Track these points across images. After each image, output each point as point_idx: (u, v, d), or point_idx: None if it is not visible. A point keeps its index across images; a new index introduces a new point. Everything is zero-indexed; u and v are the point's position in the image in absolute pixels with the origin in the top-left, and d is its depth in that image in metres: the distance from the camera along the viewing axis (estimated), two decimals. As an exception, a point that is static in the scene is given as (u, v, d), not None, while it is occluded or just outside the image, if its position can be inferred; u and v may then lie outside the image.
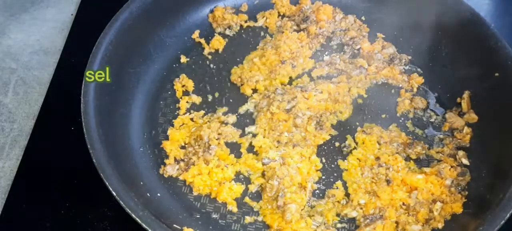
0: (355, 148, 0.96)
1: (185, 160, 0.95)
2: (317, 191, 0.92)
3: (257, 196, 0.91)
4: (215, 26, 1.16)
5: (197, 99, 1.04)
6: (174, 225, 0.82)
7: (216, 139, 0.96)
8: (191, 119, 1.01)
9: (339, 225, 0.88)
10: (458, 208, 0.87)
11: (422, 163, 0.95)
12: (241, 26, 1.17)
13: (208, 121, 0.99)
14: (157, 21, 1.07)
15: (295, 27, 1.16)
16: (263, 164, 0.93)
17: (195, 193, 0.91)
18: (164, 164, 0.94)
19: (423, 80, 1.07)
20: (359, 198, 0.89)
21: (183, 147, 0.97)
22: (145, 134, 0.98)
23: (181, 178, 0.92)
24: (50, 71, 1.15)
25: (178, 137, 0.97)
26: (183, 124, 1.00)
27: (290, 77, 1.07)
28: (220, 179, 0.91)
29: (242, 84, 1.06)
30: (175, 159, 0.95)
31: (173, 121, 1.00)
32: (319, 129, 0.99)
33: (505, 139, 0.91)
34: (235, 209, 0.90)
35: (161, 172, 0.93)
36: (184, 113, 1.02)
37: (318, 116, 1.00)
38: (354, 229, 0.88)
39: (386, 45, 1.12)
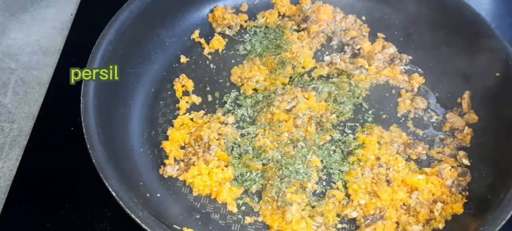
0: (355, 148, 0.96)
1: (185, 160, 0.94)
2: (318, 191, 0.92)
3: (257, 196, 0.91)
4: (215, 26, 1.16)
5: (197, 99, 1.04)
6: (174, 225, 0.82)
7: (216, 139, 0.96)
8: (191, 119, 1.01)
9: (339, 226, 0.88)
10: (458, 209, 0.87)
11: (423, 163, 0.95)
12: (241, 26, 1.17)
13: (208, 121, 0.99)
14: (157, 21, 1.07)
15: (295, 27, 1.16)
16: (263, 164, 0.93)
17: (195, 194, 0.91)
18: (164, 164, 0.94)
19: (423, 80, 1.07)
20: (360, 198, 0.89)
21: (182, 147, 0.97)
22: (145, 134, 0.98)
23: (181, 178, 0.92)
24: (50, 71, 1.15)
25: (178, 137, 0.97)
26: (183, 124, 1.00)
27: (290, 77, 1.07)
28: (220, 179, 0.91)
29: (242, 84, 1.06)
30: (175, 159, 0.95)
31: (173, 121, 1.00)
32: (319, 129, 0.99)
33: (505, 139, 0.91)
34: (235, 210, 0.89)
35: (161, 172, 0.93)
36: (184, 113, 1.02)
37: (319, 116, 1.00)
38: (355, 230, 0.88)
39: (387, 45, 1.12)
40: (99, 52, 0.93)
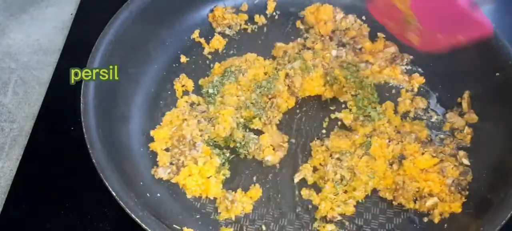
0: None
1: (174, 162, 0.93)
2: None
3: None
4: (215, 26, 1.15)
5: (197, 99, 1.04)
6: (174, 225, 0.82)
7: (200, 136, 0.95)
8: (177, 116, 0.99)
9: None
10: (457, 208, 0.87)
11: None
12: (241, 26, 1.17)
13: (185, 119, 0.97)
14: (157, 21, 1.07)
15: (295, 27, 1.16)
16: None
17: (189, 196, 0.90)
18: (157, 166, 0.93)
19: (424, 80, 1.07)
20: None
21: (167, 150, 0.95)
22: (145, 134, 0.97)
23: (173, 181, 0.91)
24: (50, 71, 1.15)
25: (162, 135, 0.95)
26: (171, 121, 0.98)
27: (290, 77, 1.07)
28: (210, 174, 0.91)
29: (242, 84, 1.06)
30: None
31: (162, 117, 0.99)
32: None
33: (505, 139, 0.91)
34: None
35: (152, 173, 0.92)
36: (183, 113, 1.01)
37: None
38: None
39: (388, 44, 1.11)
40: (99, 52, 0.93)
